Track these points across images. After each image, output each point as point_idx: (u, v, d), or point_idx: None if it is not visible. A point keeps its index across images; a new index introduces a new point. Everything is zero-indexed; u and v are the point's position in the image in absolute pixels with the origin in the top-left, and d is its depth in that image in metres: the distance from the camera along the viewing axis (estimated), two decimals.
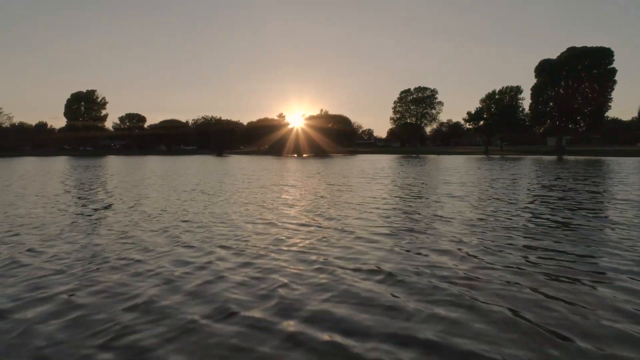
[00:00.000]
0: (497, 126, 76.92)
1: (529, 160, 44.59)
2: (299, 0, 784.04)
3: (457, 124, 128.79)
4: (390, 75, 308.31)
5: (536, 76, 70.33)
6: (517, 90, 77.50)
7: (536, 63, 70.47)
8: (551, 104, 68.34)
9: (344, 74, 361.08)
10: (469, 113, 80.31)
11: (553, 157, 53.69)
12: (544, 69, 68.57)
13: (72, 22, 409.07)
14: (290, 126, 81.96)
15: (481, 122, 79.76)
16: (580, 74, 64.37)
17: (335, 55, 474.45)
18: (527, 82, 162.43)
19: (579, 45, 66.07)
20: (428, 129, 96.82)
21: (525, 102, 76.46)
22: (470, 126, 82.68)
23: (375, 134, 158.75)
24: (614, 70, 62.68)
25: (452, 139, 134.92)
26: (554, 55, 72.28)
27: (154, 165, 36.09)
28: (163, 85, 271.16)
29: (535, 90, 69.85)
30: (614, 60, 62.44)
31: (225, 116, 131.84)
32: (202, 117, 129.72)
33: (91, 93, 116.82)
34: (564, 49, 67.72)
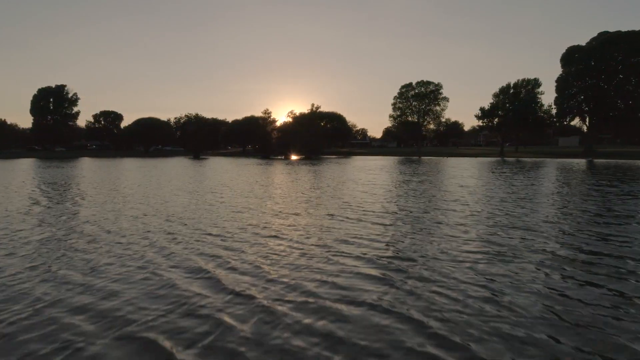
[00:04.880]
0: (514, 123, 67.19)
1: (560, 165, 34.89)
2: (294, 1, 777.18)
3: (456, 123, 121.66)
4: (383, 75, 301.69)
5: (562, 66, 61.03)
6: (535, 83, 68.42)
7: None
8: (581, 97, 58.99)
9: (336, 75, 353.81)
10: (481, 109, 70.51)
11: (581, 161, 44.77)
12: (572, 57, 59.18)
13: (49, 19, 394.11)
14: (278, 124, 72.50)
15: (496, 120, 70.22)
16: (614, 63, 55.34)
17: (329, 56, 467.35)
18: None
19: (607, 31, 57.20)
20: (431, 127, 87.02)
21: (544, 97, 67.69)
22: (483, 124, 72.90)
23: (369, 134, 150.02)
24: None
25: (450, 139, 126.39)
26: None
27: (98, 178, 25.88)
28: (151, 85, 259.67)
29: (561, 83, 60.54)
30: None
31: (215, 116, 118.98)
32: (186, 115, 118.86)
33: (61, 88, 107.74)
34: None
